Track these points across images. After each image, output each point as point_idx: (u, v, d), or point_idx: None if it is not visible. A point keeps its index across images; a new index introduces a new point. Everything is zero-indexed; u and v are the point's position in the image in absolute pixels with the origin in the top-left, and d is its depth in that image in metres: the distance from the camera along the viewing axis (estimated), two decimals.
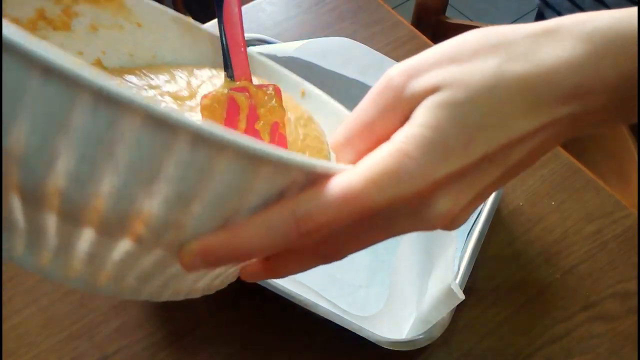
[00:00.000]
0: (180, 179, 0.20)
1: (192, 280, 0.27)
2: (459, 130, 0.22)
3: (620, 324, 0.48)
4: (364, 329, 0.44)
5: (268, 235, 0.22)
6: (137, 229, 0.21)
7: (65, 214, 0.21)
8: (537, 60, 0.23)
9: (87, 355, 0.47)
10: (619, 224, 0.54)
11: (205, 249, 0.22)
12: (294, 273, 0.27)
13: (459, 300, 0.41)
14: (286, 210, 0.22)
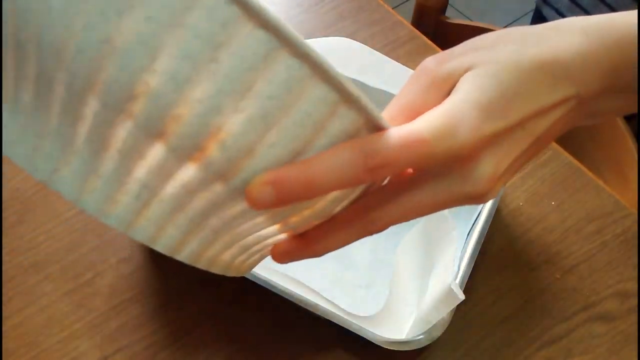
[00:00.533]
0: (269, 97, 0.20)
1: (234, 248, 0.26)
2: (499, 95, 0.25)
3: (620, 324, 0.48)
4: (364, 329, 0.44)
5: (339, 168, 0.23)
6: (208, 150, 0.20)
7: (143, 122, 0.20)
8: (547, 46, 0.27)
9: (87, 355, 0.47)
10: (619, 224, 0.54)
11: (277, 178, 0.22)
12: (334, 247, 0.27)
13: (459, 300, 0.41)
14: (356, 146, 0.23)
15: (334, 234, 0.26)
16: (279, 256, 0.27)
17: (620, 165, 0.67)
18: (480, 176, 0.26)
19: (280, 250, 0.27)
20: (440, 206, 0.26)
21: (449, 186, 0.26)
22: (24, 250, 0.53)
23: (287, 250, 0.27)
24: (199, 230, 0.23)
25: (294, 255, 0.27)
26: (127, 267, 0.52)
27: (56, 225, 0.55)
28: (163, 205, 0.22)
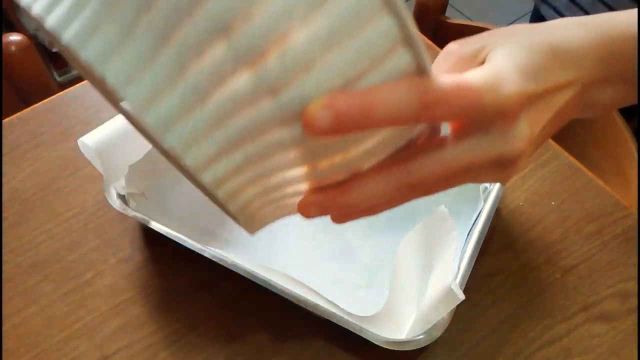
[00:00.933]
0: (338, 16, 0.20)
1: (257, 185, 0.25)
2: (528, 65, 0.28)
3: (620, 324, 0.48)
4: (364, 329, 0.44)
5: (397, 101, 0.23)
6: (268, 57, 0.20)
7: (212, 15, 0.19)
8: (552, 35, 0.29)
9: (87, 355, 0.47)
10: (619, 224, 0.54)
11: (337, 103, 0.22)
12: (367, 198, 0.27)
13: (459, 300, 0.41)
14: (413, 82, 0.23)
15: (369, 182, 0.26)
16: (306, 207, 0.27)
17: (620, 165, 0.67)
18: (518, 135, 0.27)
19: (308, 201, 0.27)
20: (475, 167, 0.27)
21: (489, 143, 0.27)
22: (24, 250, 0.53)
23: (316, 200, 0.26)
24: (232, 152, 0.23)
25: (322, 205, 0.27)
26: (127, 267, 0.52)
27: (56, 225, 0.55)
28: (206, 113, 0.21)
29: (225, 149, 0.22)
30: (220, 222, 0.54)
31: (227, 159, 0.23)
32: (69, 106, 0.64)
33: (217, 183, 0.23)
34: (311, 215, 0.27)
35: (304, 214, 0.27)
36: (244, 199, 0.25)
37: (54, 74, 1.73)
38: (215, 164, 0.23)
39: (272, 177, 0.25)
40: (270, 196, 0.26)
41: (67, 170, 0.58)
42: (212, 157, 0.22)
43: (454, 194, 0.55)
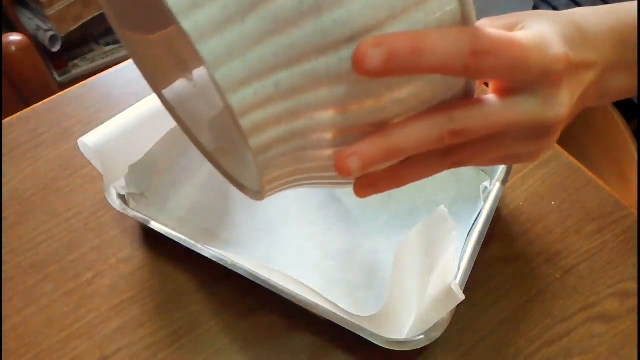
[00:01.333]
0: None
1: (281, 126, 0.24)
2: (566, 35, 0.28)
3: (620, 324, 0.48)
4: (364, 329, 0.44)
5: (447, 45, 0.23)
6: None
7: None
8: (576, 17, 0.29)
9: (87, 355, 0.47)
10: (619, 224, 0.54)
11: (389, 42, 0.22)
12: (411, 142, 0.26)
13: (459, 300, 0.41)
14: (463, 29, 0.23)
15: (411, 125, 0.25)
16: (344, 159, 0.25)
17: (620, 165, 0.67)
18: (562, 101, 0.27)
19: (347, 152, 0.25)
20: (516, 128, 0.27)
21: (533, 105, 0.26)
22: (24, 250, 0.53)
23: (356, 148, 0.25)
24: (264, 77, 0.22)
25: (363, 152, 0.25)
26: (127, 267, 0.52)
27: (56, 225, 0.55)
28: (245, 28, 0.21)
29: (258, 72, 0.22)
30: (220, 222, 0.54)
31: (259, 84, 0.22)
32: (69, 106, 0.64)
33: (244, 109, 0.22)
34: (349, 169, 0.25)
35: (341, 167, 0.25)
36: (266, 137, 0.24)
37: (54, 74, 1.73)
38: (246, 87, 0.22)
39: (300, 118, 0.24)
40: (292, 143, 0.25)
41: (67, 170, 0.58)
42: (243, 78, 0.22)
43: (454, 194, 0.56)
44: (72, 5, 1.61)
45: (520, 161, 0.31)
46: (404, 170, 0.28)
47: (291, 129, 0.24)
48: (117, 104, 0.64)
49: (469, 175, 0.56)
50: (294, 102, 0.23)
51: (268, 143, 0.24)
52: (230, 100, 0.22)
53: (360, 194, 0.29)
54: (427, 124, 0.25)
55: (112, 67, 0.68)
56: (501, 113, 0.26)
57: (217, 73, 0.21)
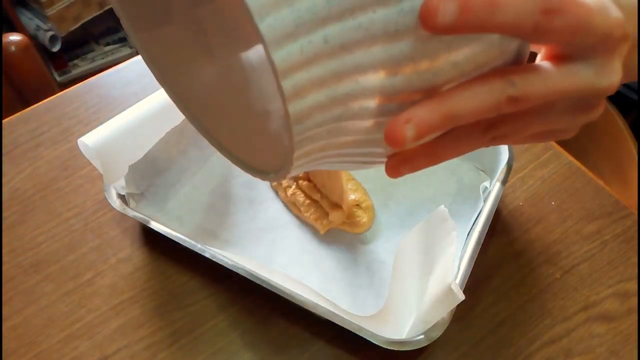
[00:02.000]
0: None
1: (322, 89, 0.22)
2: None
3: (620, 324, 0.48)
4: (364, 329, 0.44)
5: (522, 1, 0.22)
6: None
7: None
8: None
9: (87, 355, 0.47)
10: (619, 224, 0.54)
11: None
12: (464, 106, 0.24)
13: (459, 300, 0.41)
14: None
15: (468, 88, 0.24)
16: (397, 127, 0.23)
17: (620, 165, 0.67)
18: (616, 70, 0.26)
19: (401, 118, 0.23)
20: (571, 95, 0.25)
21: (589, 74, 0.25)
22: (24, 250, 0.53)
23: (411, 113, 0.23)
24: (313, 28, 0.20)
25: (419, 115, 0.23)
26: (127, 267, 0.52)
27: (56, 225, 0.55)
28: None
29: (307, 24, 0.20)
30: (220, 222, 0.54)
31: (306, 38, 0.20)
32: (69, 106, 0.64)
33: (288, 68, 0.20)
34: (404, 137, 0.23)
35: (395, 136, 0.23)
36: (306, 104, 0.22)
37: (54, 74, 1.73)
38: (292, 41, 0.20)
39: (345, 81, 0.22)
40: (331, 112, 0.23)
41: (67, 170, 0.58)
42: (290, 30, 0.20)
43: (454, 194, 0.56)
44: (72, 5, 1.61)
45: (558, 137, 0.30)
46: (441, 145, 0.27)
47: (333, 94, 0.22)
48: (117, 104, 0.64)
49: (469, 176, 0.56)
50: (342, 62, 0.21)
51: (307, 111, 0.22)
52: (275, 57, 0.20)
53: (393, 173, 0.27)
54: (485, 88, 0.24)
55: (112, 67, 0.68)
56: (559, 80, 0.25)
57: (262, 23, 0.19)
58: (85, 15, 1.66)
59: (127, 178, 0.51)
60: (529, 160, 0.59)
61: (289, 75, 0.20)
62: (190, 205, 0.55)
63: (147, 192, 0.55)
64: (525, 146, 0.60)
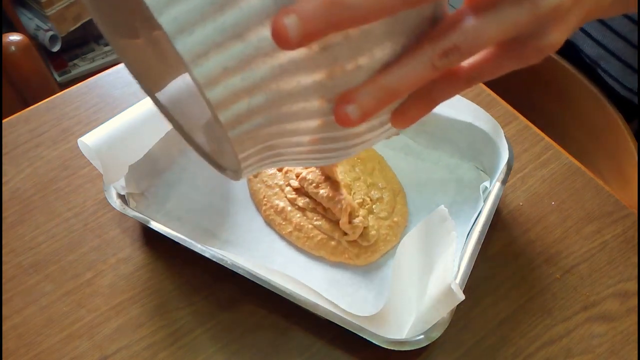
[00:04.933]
0: None
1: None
2: None
3: (620, 324, 0.48)
4: (364, 329, 0.44)
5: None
6: None
7: None
8: None
9: (87, 355, 0.47)
10: (619, 224, 0.54)
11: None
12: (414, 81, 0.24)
13: (459, 300, 0.41)
14: None
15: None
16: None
17: (620, 165, 0.67)
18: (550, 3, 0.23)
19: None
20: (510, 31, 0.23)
21: None
22: (24, 250, 0.53)
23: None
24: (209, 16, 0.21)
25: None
26: (127, 267, 0.52)
27: (56, 225, 0.55)
28: None
29: (205, 13, 0.21)
30: (220, 222, 0.54)
31: (209, 25, 0.21)
32: (69, 106, 0.64)
33: (194, 55, 0.21)
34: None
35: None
36: (224, 88, 0.22)
37: (54, 74, 1.73)
38: (192, 31, 0.21)
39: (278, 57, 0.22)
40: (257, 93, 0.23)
41: (67, 170, 0.58)
42: (190, 21, 0.21)
43: (454, 194, 0.56)
44: (72, 5, 1.61)
45: (534, 48, 0.25)
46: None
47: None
48: (117, 104, 0.64)
49: (469, 176, 0.56)
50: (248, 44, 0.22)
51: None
52: (178, 47, 0.21)
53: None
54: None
55: (112, 67, 0.68)
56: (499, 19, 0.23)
57: (160, 18, 0.20)
58: (85, 15, 1.66)
59: (127, 178, 0.51)
60: (529, 160, 0.59)
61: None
62: (190, 205, 0.55)
63: (147, 192, 0.55)
64: (525, 146, 0.60)
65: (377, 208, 0.53)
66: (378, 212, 0.53)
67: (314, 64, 0.23)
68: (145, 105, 0.53)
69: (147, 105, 0.53)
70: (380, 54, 0.24)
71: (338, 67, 0.23)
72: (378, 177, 0.55)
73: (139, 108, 0.53)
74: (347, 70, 0.23)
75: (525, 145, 0.60)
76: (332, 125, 0.25)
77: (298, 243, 0.52)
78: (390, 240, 0.52)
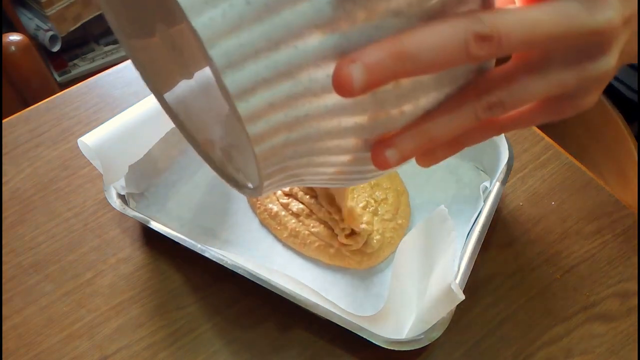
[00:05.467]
0: None
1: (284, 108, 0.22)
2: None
3: (620, 324, 0.48)
4: (364, 329, 0.44)
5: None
6: None
7: None
8: None
9: (87, 355, 0.47)
10: (619, 224, 0.54)
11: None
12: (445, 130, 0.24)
13: (459, 300, 0.41)
14: None
15: (430, 28, 0.21)
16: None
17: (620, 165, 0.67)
18: (610, 3, 0.23)
19: (352, 57, 0.21)
20: (561, 39, 0.23)
21: (575, 9, 0.22)
22: (24, 250, 0.53)
23: (368, 54, 0.21)
24: None
25: (373, 54, 0.21)
26: (127, 267, 0.52)
27: (56, 225, 0.55)
28: None
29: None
30: (220, 222, 0.54)
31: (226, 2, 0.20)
32: (69, 106, 0.64)
33: (213, 35, 0.20)
34: (349, 79, 0.20)
35: (338, 80, 0.21)
36: (245, 76, 0.21)
37: (54, 74, 1.73)
38: (212, 6, 0.20)
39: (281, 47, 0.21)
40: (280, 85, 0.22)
41: (67, 170, 0.58)
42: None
43: (454, 194, 0.56)
44: (72, 5, 1.61)
45: (570, 104, 0.26)
46: (430, 119, 0.24)
47: (274, 64, 0.21)
48: (117, 104, 0.64)
49: (469, 176, 0.56)
50: (272, 24, 0.20)
51: (250, 83, 0.21)
52: (196, 24, 0.19)
53: (379, 162, 0.25)
54: (446, 25, 0.21)
55: (112, 67, 0.68)
56: (539, 17, 0.22)
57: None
58: (85, 15, 1.66)
59: (127, 178, 0.51)
60: (529, 160, 0.59)
61: (216, 43, 0.20)
62: (190, 205, 0.55)
63: (147, 192, 0.55)
64: (525, 146, 0.60)
65: (382, 209, 0.53)
66: (383, 213, 0.52)
67: (360, 108, 0.23)
68: (145, 105, 0.53)
69: (147, 105, 0.53)
70: (425, 101, 0.24)
71: (383, 112, 0.23)
72: (382, 177, 0.55)
73: (139, 108, 0.53)
74: (390, 115, 0.23)
75: (525, 145, 0.60)
76: (362, 160, 0.25)
77: (295, 248, 0.52)
78: (394, 243, 0.51)
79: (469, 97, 0.24)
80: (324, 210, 0.51)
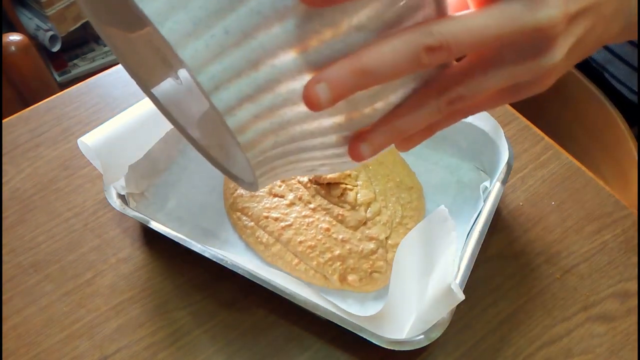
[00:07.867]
0: None
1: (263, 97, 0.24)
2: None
3: (620, 324, 0.48)
4: (364, 329, 0.44)
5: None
6: None
7: None
8: None
9: (87, 355, 0.47)
10: (619, 224, 0.54)
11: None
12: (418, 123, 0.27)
13: (459, 300, 0.41)
14: None
15: (383, 44, 0.24)
16: (313, 86, 0.23)
17: (620, 165, 0.67)
18: (550, 1, 0.24)
19: (318, 78, 0.23)
20: (507, 39, 0.24)
21: (517, 10, 0.24)
22: (24, 250, 0.53)
23: (331, 75, 0.23)
24: (210, 24, 0.22)
25: (336, 75, 0.23)
26: (127, 267, 0.52)
27: (56, 225, 0.55)
28: None
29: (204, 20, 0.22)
30: (220, 222, 0.54)
31: (208, 34, 0.22)
32: (69, 106, 0.64)
33: (199, 63, 0.22)
34: (318, 98, 0.23)
35: (310, 97, 0.23)
36: (231, 93, 0.23)
37: (54, 74, 1.73)
38: (195, 39, 0.22)
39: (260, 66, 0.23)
40: (262, 100, 0.24)
41: (67, 170, 0.58)
42: (190, 30, 0.22)
43: (454, 194, 0.56)
44: (72, 5, 1.61)
45: (527, 91, 0.28)
46: (397, 115, 0.27)
47: (255, 81, 0.23)
48: (117, 104, 0.64)
49: (469, 176, 0.56)
50: (250, 48, 0.22)
51: (235, 100, 0.23)
52: (183, 56, 0.22)
53: (355, 155, 0.27)
54: (399, 41, 0.23)
55: (112, 67, 0.68)
56: (484, 22, 0.24)
57: (163, 28, 0.21)
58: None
59: (127, 178, 0.51)
60: (529, 160, 0.59)
61: (202, 70, 0.22)
62: (190, 205, 0.55)
63: (147, 192, 0.55)
64: (525, 146, 0.60)
65: (406, 216, 0.53)
66: (406, 223, 0.52)
67: (336, 110, 0.26)
68: (145, 106, 0.53)
69: (147, 105, 0.53)
70: (394, 97, 0.27)
71: (357, 112, 0.26)
72: (401, 173, 0.55)
73: (139, 108, 0.53)
74: (364, 113, 0.26)
75: (525, 145, 0.60)
76: (345, 153, 0.28)
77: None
78: None
79: (431, 94, 0.26)
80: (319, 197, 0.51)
